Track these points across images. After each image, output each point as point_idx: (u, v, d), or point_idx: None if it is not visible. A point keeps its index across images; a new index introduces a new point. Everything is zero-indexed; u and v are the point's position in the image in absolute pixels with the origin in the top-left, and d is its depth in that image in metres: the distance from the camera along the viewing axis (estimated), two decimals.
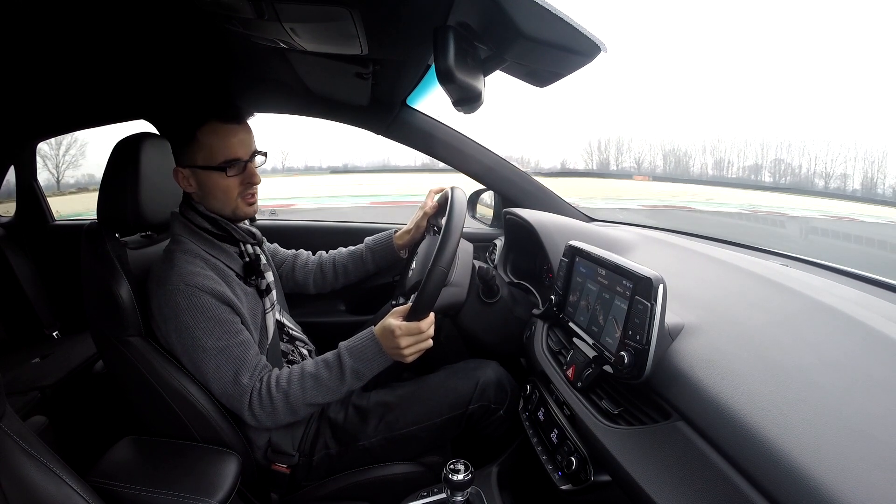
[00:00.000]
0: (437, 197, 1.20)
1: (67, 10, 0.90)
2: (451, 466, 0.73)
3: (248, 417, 0.87)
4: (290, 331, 1.08)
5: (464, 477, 0.72)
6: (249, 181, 0.92)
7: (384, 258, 1.24)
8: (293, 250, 1.28)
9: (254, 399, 0.86)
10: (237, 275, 0.93)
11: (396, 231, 1.24)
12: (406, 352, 0.87)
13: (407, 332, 0.86)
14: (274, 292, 1.01)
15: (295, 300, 1.25)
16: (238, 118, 0.90)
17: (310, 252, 1.29)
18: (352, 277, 1.26)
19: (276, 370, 0.90)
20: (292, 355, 1.05)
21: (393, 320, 0.88)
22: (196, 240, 0.91)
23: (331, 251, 1.29)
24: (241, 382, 0.85)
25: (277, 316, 1.02)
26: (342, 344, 0.91)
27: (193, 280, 0.84)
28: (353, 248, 1.27)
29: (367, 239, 1.26)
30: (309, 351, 1.10)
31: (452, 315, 1.10)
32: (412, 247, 1.23)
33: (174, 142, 0.92)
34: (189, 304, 0.83)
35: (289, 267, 1.24)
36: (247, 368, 0.86)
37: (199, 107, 0.90)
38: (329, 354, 0.91)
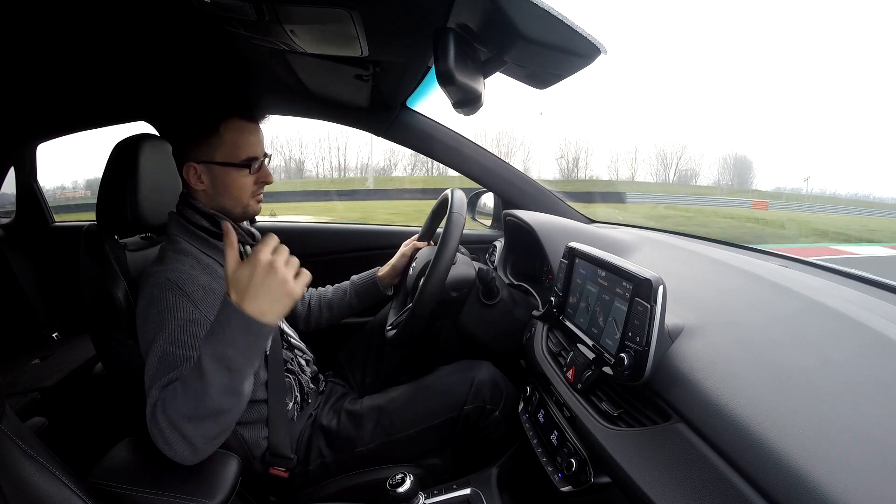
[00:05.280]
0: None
1: (68, 12, 0.90)
2: (391, 482, 0.75)
3: (151, 435, 0.70)
4: (290, 338, 1.06)
5: (409, 488, 0.74)
6: (265, 180, 0.93)
7: (367, 294, 1.23)
8: None
9: (150, 414, 0.69)
10: None
11: (379, 270, 1.24)
12: (276, 280, 0.64)
13: (251, 266, 0.65)
14: None
15: None
16: (256, 118, 0.91)
17: None
18: (335, 313, 1.24)
19: None
20: (291, 364, 1.02)
21: (231, 263, 0.66)
22: (191, 239, 0.89)
23: (318, 288, 1.27)
24: (152, 392, 0.71)
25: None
26: None
27: (176, 277, 0.81)
28: (338, 285, 1.26)
29: (354, 277, 1.26)
30: (307, 360, 1.08)
31: (453, 313, 1.10)
32: (400, 274, 1.23)
33: (188, 138, 0.89)
34: (163, 297, 0.79)
35: None
36: (166, 381, 0.71)
37: (221, 103, 0.90)
38: None
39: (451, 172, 1.49)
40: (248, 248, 0.96)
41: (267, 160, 0.94)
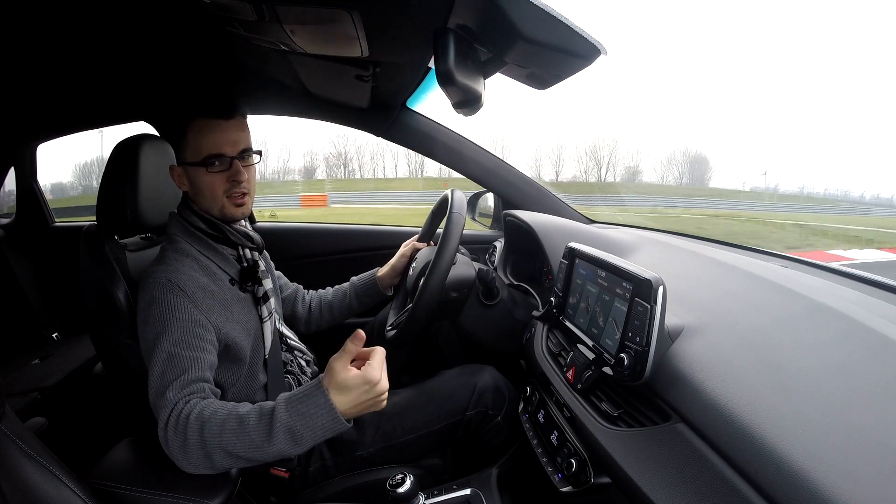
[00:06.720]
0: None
1: (69, 12, 0.91)
2: (391, 482, 0.75)
3: (162, 438, 0.72)
4: (289, 340, 1.06)
5: (409, 488, 0.74)
6: (234, 178, 0.87)
7: (367, 294, 1.23)
8: (295, 283, 1.25)
9: (172, 419, 0.71)
10: (232, 280, 0.91)
11: (379, 270, 1.24)
12: (374, 398, 0.71)
13: (363, 380, 0.70)
14: (272, 300, 0.98)
15: None
16: (226, 114, 0.87)
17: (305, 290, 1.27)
18: (336, 314, 1.23)
19: (214, 401, 0.75)
20: (291, 366, 1.02)
21: (338, 365, 0.70)
22: (191, 240, 0.89)
23: (319, 290, 1.26)
24: (167, 395, 0.73)
25: (278, 325, 1.00)
26: (284, 394, 0.74)
27: (176, 277, 0.81)
28: (338, 287, 1.26)
29: (353, 278, 1.25)
30: (307, 361, 1.08)
31: (453, 314, 1.10)
32: (400, 274, 1.23)
33: (171, 141, 0.91)
34: (164, 298, 0.79)
35: (292, 296, 1.22)
36: (181, 384, 0.74)
37: (190, 104, 0.88)
38: (269, 402, 0.74)
39: (367, 173, 1.49)
40: (247, 251, 0.95)
41: (258, 157, 0.92)
